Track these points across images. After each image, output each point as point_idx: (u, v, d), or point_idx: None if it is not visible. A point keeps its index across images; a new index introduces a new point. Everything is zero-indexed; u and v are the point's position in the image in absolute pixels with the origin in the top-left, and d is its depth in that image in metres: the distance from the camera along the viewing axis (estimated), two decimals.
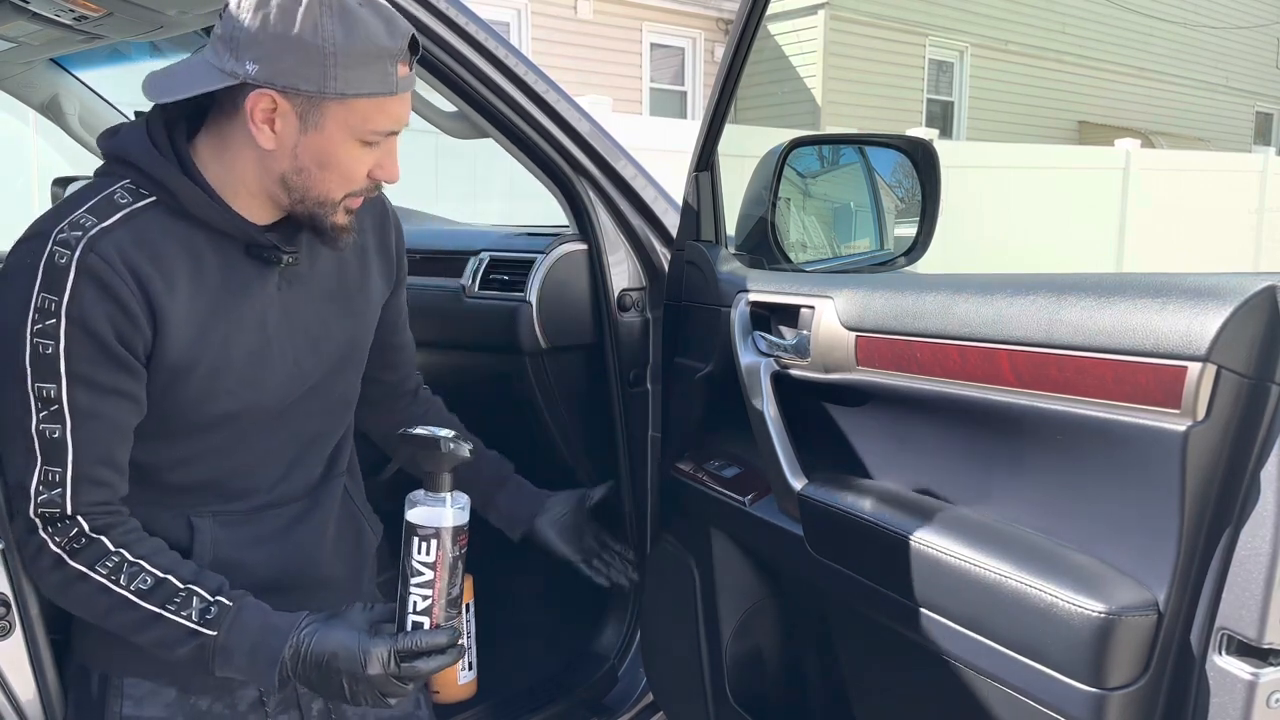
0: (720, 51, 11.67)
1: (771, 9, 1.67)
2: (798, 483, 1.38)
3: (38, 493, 1.18)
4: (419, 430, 1.25)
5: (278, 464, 1.36)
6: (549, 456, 2.02)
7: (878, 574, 1.24)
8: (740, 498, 1.52)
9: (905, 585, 1.20)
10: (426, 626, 1.21)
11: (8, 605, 1.26)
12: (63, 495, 1.19)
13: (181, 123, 1.26)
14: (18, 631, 1.27)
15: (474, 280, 1.99)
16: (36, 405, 1.17)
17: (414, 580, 1.21)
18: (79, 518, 1.20)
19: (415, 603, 1.21)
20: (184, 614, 1.20)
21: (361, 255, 1.43)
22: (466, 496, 1.25)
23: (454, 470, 1.23)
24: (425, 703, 1.57)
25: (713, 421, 1.69)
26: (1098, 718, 0.98)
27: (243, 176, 1.25)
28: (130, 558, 1.20)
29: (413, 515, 1.21)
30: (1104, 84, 15.34)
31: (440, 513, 1.21)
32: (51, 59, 2.28)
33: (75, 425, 1.18)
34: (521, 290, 1.87)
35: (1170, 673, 0.96)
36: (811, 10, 12.76)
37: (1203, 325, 0.90)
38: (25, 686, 1.29)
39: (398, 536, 1.26)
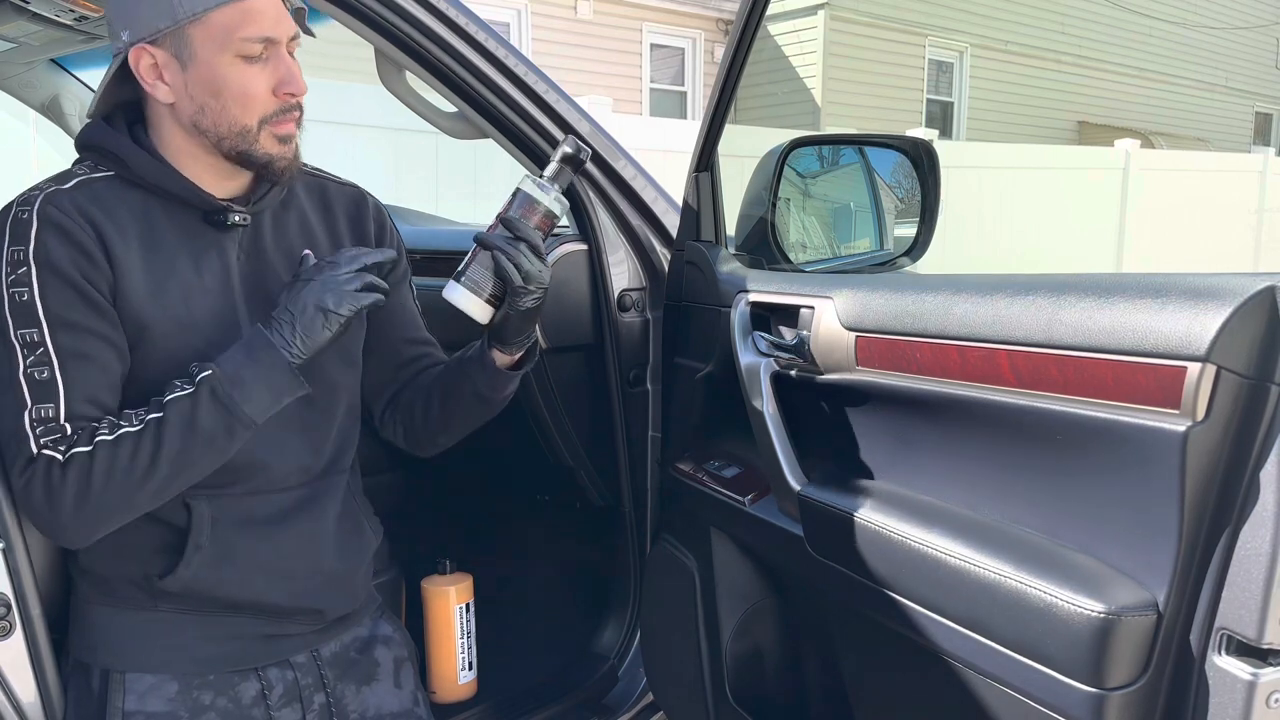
0: (720, 51, 11.69)
1: (771, 9, 1.67)
2: (798, 483, 1.38)
3: (34, 428, 1.21)
4: None
5: (268, 447, 1.35)
6: (549, 457, 2.02)
7: (877, 574, 1.24)
8: (740, 498, 1.52)
9: (905, 585, 1.20)
10: (463, 265, 1.36)
11: (8, 605, 1.26)
12: (58, 425, 1.21)
13: (141, 125, 1.34)
14: (18, 631, 1.28)
15: None
16: (23, 352, 1.21)
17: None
18: (75, 431, 1.23)
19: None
20: (180, 391, 1.23)
21: (334, 240, 1.46)
22: (566, 202, 1.41)
23: (564, 164, 1.41)
24: (425, 702, 1.57)
25: (713, 421, 1.69)
26: (1097, 718, 0.98)
27: (176, 144, 1.30)
28: (115, 418, 1.24)
29: (518, 182, 1.40)
30: (1104, 84, 15.34)
31: (531, 180, 1.39)
32: (52, 59, 2.28)
33: (62, 364, 1.22)
34: None
35: (1170, 673, 0.96)
36: (811, 10, 12.76)
37: (1202, 325, 0.90)
38: (25, 686, 1.29)
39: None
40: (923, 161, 1.78)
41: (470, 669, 1.95)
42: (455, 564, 1.96)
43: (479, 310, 1.37)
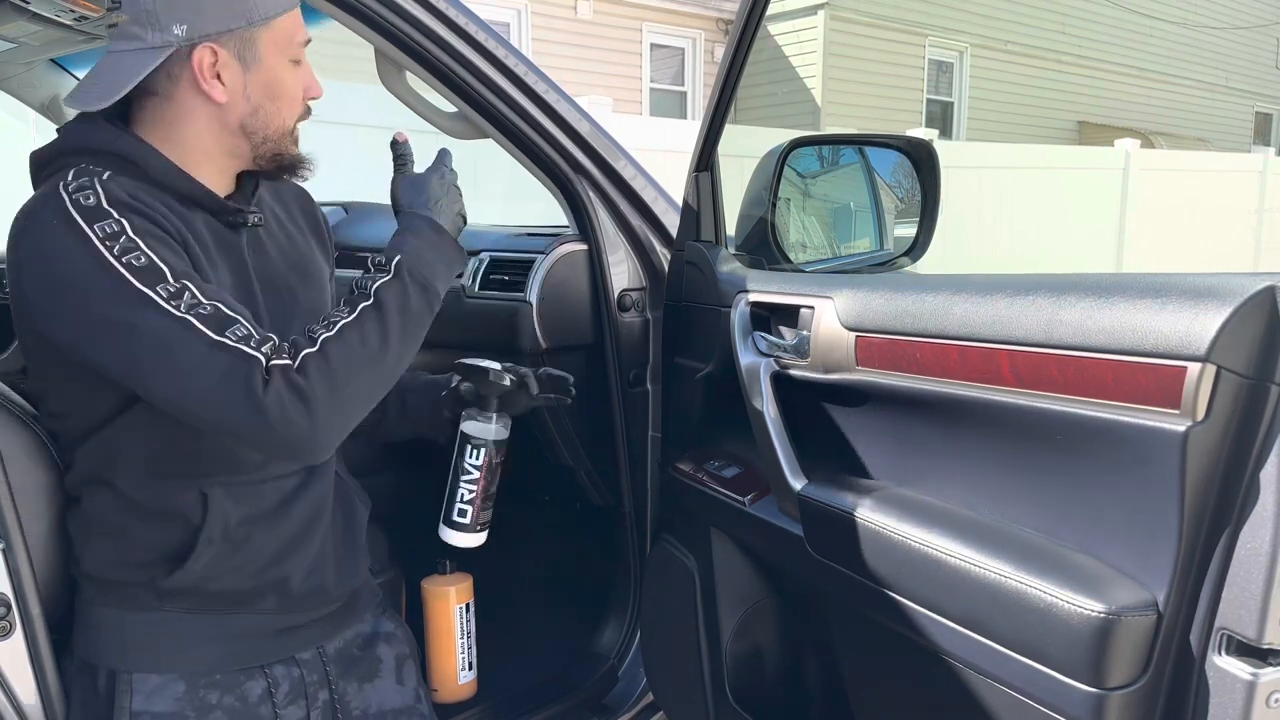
0: (720, 51, 11.69)
1: (771, 9, 1.67)
2: (798, 483, 1.38)
3: (245, 343, 1.13)
4: (474, 361, 1.53)
5: None
6: (549, 457, 2.03)
7: (878, 574, 1.24)
8: (740, 498, 1.53)
9: (905, 585, 1.20)
10: (470, 515, 1.52)
11: (8, 605, 1.26)
12: (261, 335, 1.15)
13: (117, 120, 1.29)
14: (18, 631, 1.28)
15: (474, 280, 1.99)
16: (172, 304, 1.13)
17: (464, 478, 1.53)
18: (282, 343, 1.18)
19: (463, 494, 1.53)
20: (381, 277, 1.25)
21: (302, 233, 1.49)
22: (509, 418, 1.54)
23: (501, 396, 1.53)
24: (427, 699, 1.57)
25: (713, 421, 1.69)
26: (1097, 718, 0.98)
27: (199, 145, 1.28)
28: (329, 314, 1.22)
29: (467, 427, 1.53)
30: (1104, 84, 15.34)
31: (489, 428, 1.53)
32: (52, 59, 2.28)
33: (216, 298, 1.16)
34: (521, 290, 1.87)
35: (1170, 673, 0.96)
36: (811, 10, 12.75)
37: (1202, 325, 0.90)
38: (26, 687, 1.29)
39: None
40: (923, 161, 1.78)
41: (470, 669, 1.95)
42: (455, 564, 1.96)
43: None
